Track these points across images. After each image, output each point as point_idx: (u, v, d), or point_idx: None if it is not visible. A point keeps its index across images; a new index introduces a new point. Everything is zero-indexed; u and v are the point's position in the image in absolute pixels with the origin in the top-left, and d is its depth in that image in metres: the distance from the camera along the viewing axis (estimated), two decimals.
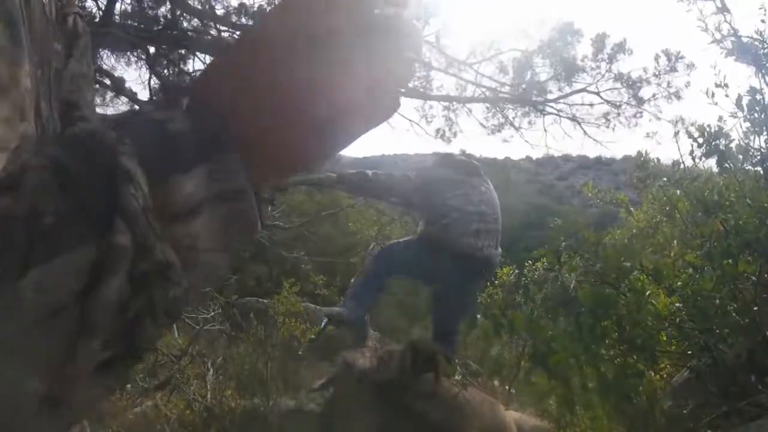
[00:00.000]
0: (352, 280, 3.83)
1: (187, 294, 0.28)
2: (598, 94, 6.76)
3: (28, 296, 0.23)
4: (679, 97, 6.35)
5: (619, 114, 6.70)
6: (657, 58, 6.40)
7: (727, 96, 2.10)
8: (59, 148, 0.25)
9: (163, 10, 6.00)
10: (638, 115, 6.66)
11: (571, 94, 6.88)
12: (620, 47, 6.57)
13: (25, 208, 0.23)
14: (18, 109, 0.35)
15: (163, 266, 0.27)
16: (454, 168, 3.28)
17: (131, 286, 0.25)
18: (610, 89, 6.72)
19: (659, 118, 6.47)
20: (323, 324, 3.07)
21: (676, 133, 2.21)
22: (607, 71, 6.60)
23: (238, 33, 6.04)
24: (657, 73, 6.39)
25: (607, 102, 6.75)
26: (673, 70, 6.31)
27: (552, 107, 7.00)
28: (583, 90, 6.81)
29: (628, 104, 6.64)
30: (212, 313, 5.62)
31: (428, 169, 3.41)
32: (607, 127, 6.79)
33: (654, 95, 6.49)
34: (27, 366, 0.23)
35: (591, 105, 6.86)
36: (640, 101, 6.57)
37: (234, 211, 0.28)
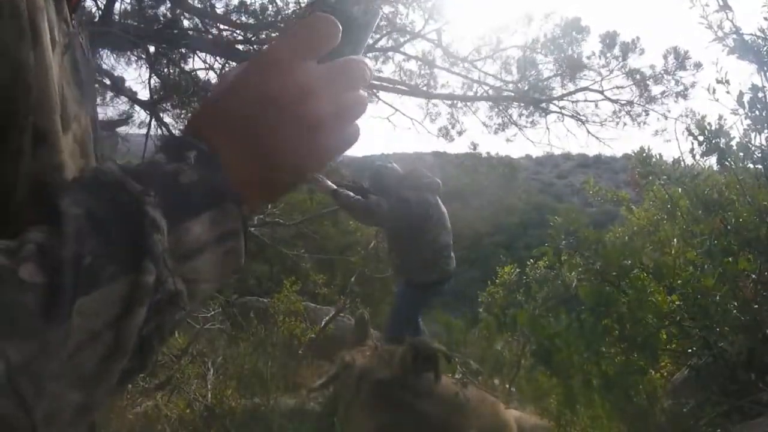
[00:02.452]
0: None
1: (187, 315, 0.34)
2: (602, 92, 6.71)
3: (76, 322, 0.27)
4: (686, 97, 6.31)
5: (628, 112, 6.66)
6: (666, 55, 6.36)
7: (728, 93, 2.10)
8: (91, 197, 0.31)
9: (163, 9, 6.00)
10: (646, 113, 6.62)
11: (576, 92, 6.84)
12: (629, 46, 6.52)
13: (70, 251, 0.28)
14: (79, 144, 0.41)
15: (173, 295, 0.32)
16: (430, 191, 3.59)
17: (147, 312, 0.30)
18: (616, 87, 6.66)
19: (667, 117, 6.43)
20: None
21: (687, 129, 2.20)
22: (618, 68, 6.54)
23: (237, 32, 6.04)
24: (666, 70, 6.34)
25: (612, 100, 6.71)
26: (682, 68, 6.27)
27: (555, 105, 6.98)
28: (586, 89, 6.77)
29: (636, 103, 6.60)
30: (212, 313, 5.62)
31: (406, 201, 3.50)
32: (616, 125, 6.75)
33: (664, 92, 6.44)
34: (71, 381, 0.28)
35: (596, 103, 6.82)
36: (650, 99, 6.52)
37: (228, 249, 0.35)
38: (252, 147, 0.36)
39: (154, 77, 6.05)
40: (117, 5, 5.52)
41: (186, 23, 6.18)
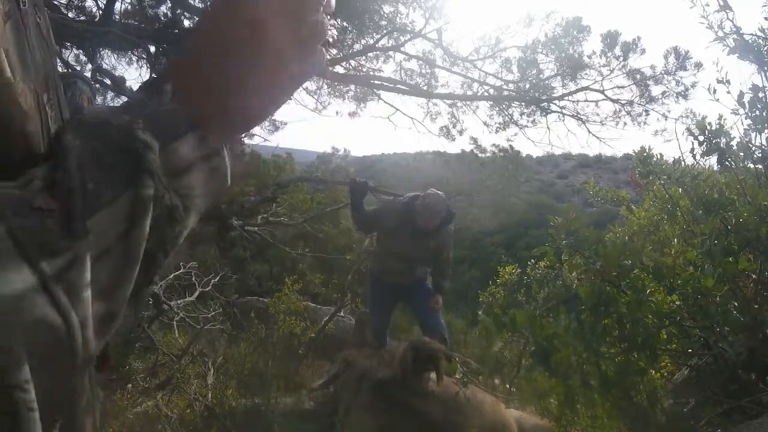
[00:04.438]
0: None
1: (185, 231, 0.39)
2: (602, 92, 6.69)
3: (91, 240, 0.31)
4: (686, 97, 6.29)
5: (629, 112, 6.64)
6: (666, 55, 6.33)
7: (728, 93, 2.10)
8: (87, 131, 0.35)
9: (163, 8, 6.00)
10: (646, 113, 6.59)
11: (577, 91, 6.82)
12: (630, 46, 6.49)
13: (76, 180, 0.32)
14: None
15: (170, 210, 0.36)
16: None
17: (148, 228, 0.35)
18: (617, 87, 6.63)
19: (667, 118, 6.40)
20: None
21: (687, 129, 2.19)
22: (618, 68, 6.50)
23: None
24: (667, 70, 6.32)
25: (613, 100, 6.68)
26: (682, 68, 6.25)
27: (556, 105, 6.96)
28: (587, 88, 6.74)
29: (637, 103, 6.57)
30: (213, 313, 5.62)
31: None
32: (616, 125, 6.72)
33: (664, 92, 6.42)
34: (93, 293, 0.32)
35: (597, 103, 6.80)
36: (650, 99, 6.50)
37: (214, 166, 0.40)
38: (219, 81, 0.39)
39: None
40: (117, 5, 5.53)
41: (186, 23, 6.18)
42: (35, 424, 0.28)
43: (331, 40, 0.45)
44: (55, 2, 5.37)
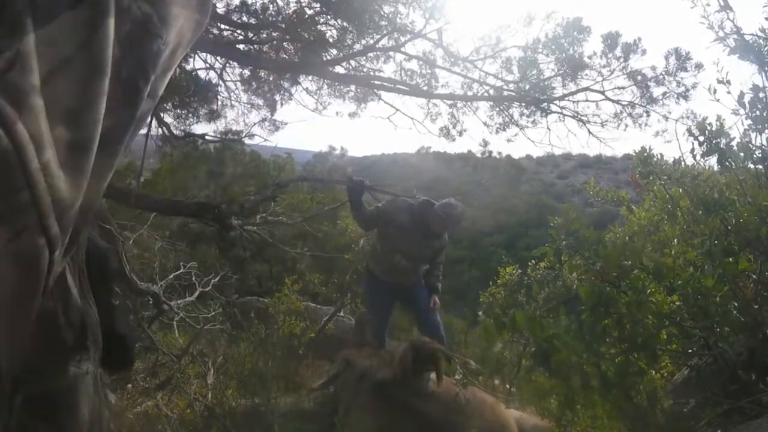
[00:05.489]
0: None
1: (165, 49, 0.32)
2: (603, 92, 6.67)
3: (43, 51, 0.26)
4: (687, 98, 6.26)
5: (630, 113, 6.62)
6: (667, 56, 6.32)
7: (729, 93, 2.10)
8: None
9: None
10: (647, 114, 6.57)
11: (577, 92, 6.79)
12: (631, 47, 6.47)
13: None
14: None
15: (143, 21, 0.30)
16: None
17: (119, 47, 0.28)
18: (617, 88, 6.61)
19: (668, 119, 6.39)
20: None
21: (688, 130, 2.19)
22: (619, 68, 6.48)
23: (238, 31, 6.04)
24: (668, 71, 6.30)
25: (613, 101, 6.66)
26: (683, 69, 6.23)
27: (556, 105, 6.93)
28: (587, 89, 6.72)
29: (638, 104, 6.54)
30: (213, 313, 5.62)
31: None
32: (617, 126, 6.70)
33: (665, 93, 6.40)
34: (55, 116, 0.27)
35: (597, 104, 6.78)
36: (651, 100, 6.48)
37: None
38: None
39: None
40: None
41: None
42: None
43: (331, 40, 0.41)
44: None
